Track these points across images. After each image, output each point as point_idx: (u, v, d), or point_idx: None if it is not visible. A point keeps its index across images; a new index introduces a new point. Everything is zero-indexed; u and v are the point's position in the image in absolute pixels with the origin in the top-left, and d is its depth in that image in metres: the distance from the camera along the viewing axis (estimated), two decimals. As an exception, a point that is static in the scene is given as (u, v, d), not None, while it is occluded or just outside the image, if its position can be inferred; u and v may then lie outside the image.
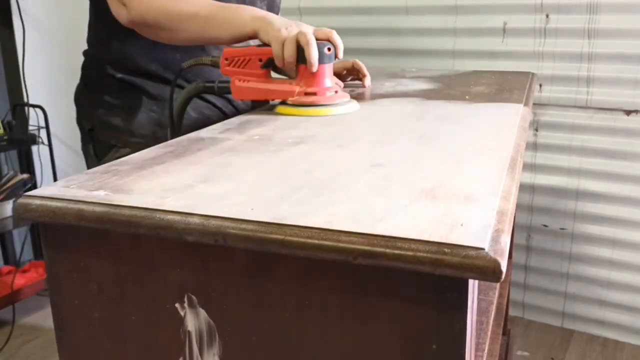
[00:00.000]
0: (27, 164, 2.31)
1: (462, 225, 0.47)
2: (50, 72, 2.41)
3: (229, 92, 0.97)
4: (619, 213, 1.81)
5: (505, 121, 0.87)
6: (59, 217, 0.55)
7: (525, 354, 1.85)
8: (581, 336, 1.93)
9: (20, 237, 2.38)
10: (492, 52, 1.87)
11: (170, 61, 1.06)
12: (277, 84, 0.97)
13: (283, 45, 0.90)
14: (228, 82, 0.96)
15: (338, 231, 0.47)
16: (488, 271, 0.43)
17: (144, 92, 1.07)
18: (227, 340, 0.55)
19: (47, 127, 2.23)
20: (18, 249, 2.32)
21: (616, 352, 1.85)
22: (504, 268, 0.43)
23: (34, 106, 2.22)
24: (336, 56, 0.94)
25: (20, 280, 2.09)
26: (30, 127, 2.24)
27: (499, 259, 0.43)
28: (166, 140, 0.80)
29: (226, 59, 0.96)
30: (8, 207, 2.09)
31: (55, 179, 2.23)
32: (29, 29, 2.24)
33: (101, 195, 0.56)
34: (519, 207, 1.91)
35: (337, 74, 1.25)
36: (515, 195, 0.59)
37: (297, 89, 0.94)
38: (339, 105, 0.94)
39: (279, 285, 0.51)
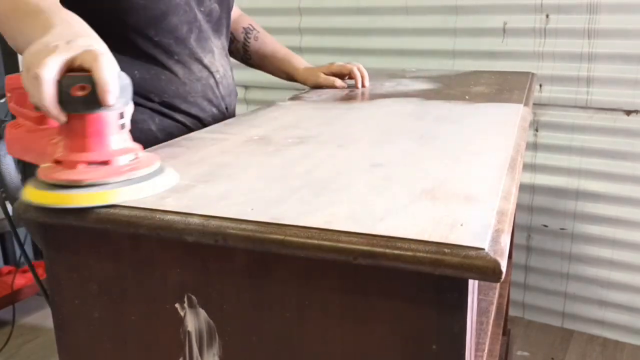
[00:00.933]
0: (27, 164, 2.31)
1: (462, 225, 0.47)
2: (50, 72, 2.41)
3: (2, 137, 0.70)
4: (619, 213, 1.81)
5: (505, 121, 0.87)
6: (59, 217, 0.55)
7: (526, 354, 1.85)
8: (581, 336, 1.93)
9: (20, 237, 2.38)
10: (492, 52, 1.87)
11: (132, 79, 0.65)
12: (38, 138, 0.62)
13: (26, 78, 0.56)
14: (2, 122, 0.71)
15: (338, 231, 0.47)
16: (488, 271, 0.43)
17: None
18: (227, 341, 0.55)
19: (47, 127, 2.23)
20: (18, 249, 2.32)
21: (616, 352, 1.85)
22: (504, 268, 0.43)
23: (34, 106, 2.22)
24: (99, 102, 0.54)
25: (20, 281, 2.09)
26: (30, 127, 2.24)
27: (499, 259, 0.43)
28: None
29: (8, 92, 0.65)
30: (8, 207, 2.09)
31: (55, 179, 2.23)
32: (29, 29, 2.23)
33: (101, 195, 0.56)
34: (519, 207, 1.91)
35: (338, 74, 1.25)
36: (515, 195, 0.59)
37: (49, 150, 0.59)
38: (115, 185, 0.55)
39: (279, 285, 0.51)
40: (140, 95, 0.92)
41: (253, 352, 0.54)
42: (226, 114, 1.04)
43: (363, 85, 1.22)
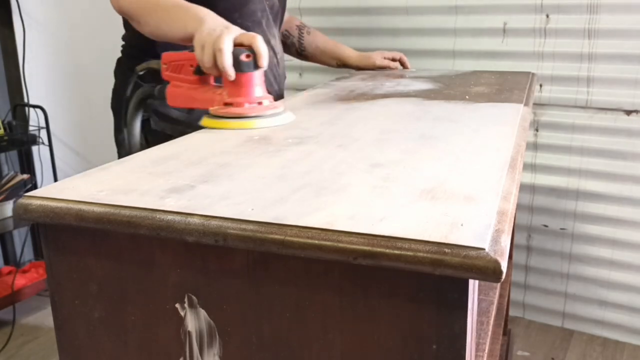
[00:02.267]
0: (27, 164, 2.31)
1: (462, 225, 0.47)
2: (51, 72, 2.41)
3: (164, 97, 0.94)
4: (619, 213, 1.80)
5: (506, 121, 0.87)
6: (59, 217, 0.55)
7: (526, 354, 1.85)
8: (581, 336, 1.93)
9: (20, 238, 2.38)
10: (492, 52, 1.87)
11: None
12: (203, 92, 0.90)
13: (202, 50, 0.85)
14: (159, 88, 0.94)
15: (338, 231, 0.47)
16: (488, 271, 0.43)
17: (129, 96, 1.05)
18: (227, 341, 0.55)
19: (47, 127, 2.23)
20: (18, 249, 2.32)
21: (616, 352, 1.85)
22: (504, 268, 0.43)
23: (34, 106, 2.22)
24: (257, 65, 0.84)
25: (20, 281, 2.09)
26: (31, 128, 2.24)
27: (499, 259, 0.43)
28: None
29: (164, 64, 0.92)
30: (8, 208, 2.09)
31: (55, 180, 2.23)
32: (29, 29, 2.24)
33: (101, 195, 0.56)
34: (519, 207, 1.91)
35: (391, 59, 1.53)
36: (515, 195, 0.59)
37: (216, 99, 0.87)
38: (265, 117, 0.85)
39: (280, 285, 0.51)
40: None
41: (253, 352, 0.54)
42: (279, 92, 1.24)
43: (407, 67, 1.55)
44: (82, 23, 2.41)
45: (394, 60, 1.56)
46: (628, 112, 1.73)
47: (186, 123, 1.09)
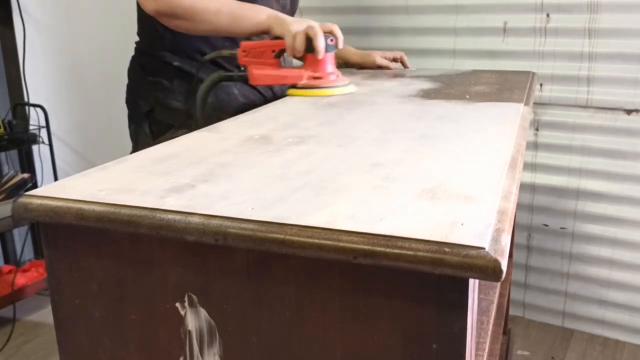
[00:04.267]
0: (27, 164, 2.31)
1: (462, 224, 0.47)
2: (51, 72, 2.41)
3: (246, 80, 1.13)
4: (619, 213, 1.81)
5: (506, 121, 0.87)
6: (60, 216, 0.55)
7: (526, 353, 1.85)
8: (581, 336, 1.93)
9: (20, 237, 2.38)
10: (493, 51, 1.87)
11: (220, 48, 1.22)
12: (288, 71, 1.14)
13: (294, 37, 1.08)
14: (244, 71, 1.13)
15: (338, 231, 0.47)
16: (488, 271, 0.42)
17: (199, 78, 1.20)
18: (227, 340, 0.55)
19: (47, 126, 2.23)
20: (19, 249, 2.32)
21: (616, 351, 1.85)
22: (504, 267, 0.43)
23: (35, 105, 2.22)
24: (337, 46, 1.12)
25: (20, 280, 2.09)
26: (31, 127, 2.24)
27: (499, 258, 0.43)
28: (219, 121, 0.93)
29: (244, 51, 1.12)
30: (8, 207, 2.09)
31: (55, 179, 2.23)
32: (29, 29, 2.24)
33: (101, 195, 0.56)
34: (519, 206, 1.91)
35: (391, 59, 1.56)
36: (515, 194, 0.59)
37: (305, 74, 1.11)
38: (340, 87, 1.13)
39: (280, 284, 0.51)
40: (235, 66, 1.20)
41: (253, 351, 0.54)
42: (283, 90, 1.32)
43: (407, 67, 1.57)
44: (82, 22, 2.41)
45: (394, 60, 1.57)
46: (628, 112, 1.73)
47: (185, 112, 1.21)
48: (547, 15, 1.76)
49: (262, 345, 0.53)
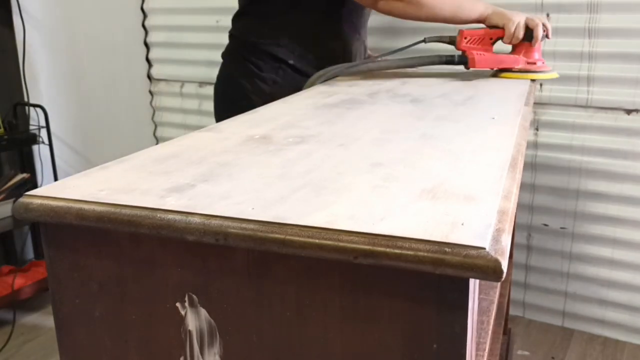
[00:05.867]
0: (27, 164, 2.31)
1: (462, 224, 0.47)
2: (51, 72, 2.41)
3: (466, 63, 1.29)
4: (619, 212, 1.80)
5: (506, 121, 0.87)
6: (60, 216, 0.55)
7: (526, 353, 1.85)
8: (582, 335, 1.93)
9: (20, 237, 2.38)
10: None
11: (329, 51, 1.39)
12: (505, 57, 1.31)
13: (517, 27, 1.26)
14: (462, 56, 1.30)
15: (339, 230, 0.47)
16: (489, 270, 0.42)
17: (305, 74, 1.34)
18: (227, 340, 0.55)
19: (47, 126, 2.23)
20: (19, 249, 2.32)
21: (617, 351, 1.85)
22: (504, 267, 0.43)
23: (35, 106, 2.22)
24: (547, 36, 1.30)
25: (21, 280, 2.09)
26: (31, 127, 2.24)
27: (499, 258, 0.43)
28: None
29: (465, 38, 1.29)
30: (8, 207, 2.09)
31: (55, 179, 2.23)
32: (29, 28, 2.24)
33: (102, 194, 0.56)
34: (519, 206, 1.91)
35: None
36: (515, 194, 0.59)
37: (521, 59, 1.30)
38: (548, 72, 1.30)
39: (280, 284, 0.51)
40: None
41: (254, 351, 0.54)
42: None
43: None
44: (83, 22, 2.41)
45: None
46: (628, 112, 1.73)
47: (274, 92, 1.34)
48: (547, 15, 1.76)
49: (262, 345, 0.53)
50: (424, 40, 1.28)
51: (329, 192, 0.56)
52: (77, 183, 0.60)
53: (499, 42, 1.34)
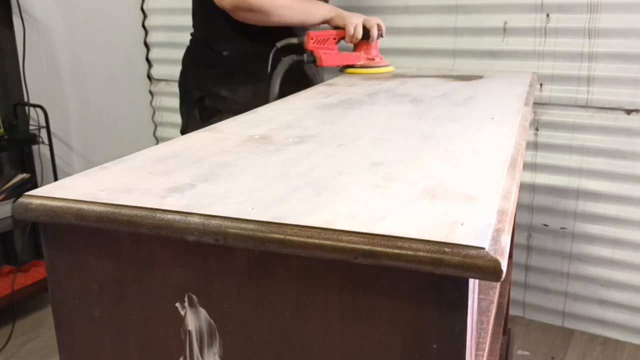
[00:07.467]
0: (27, 164, 2.30)
1: (462, 224, 0.47)
2: (51, 72, 2.41)
3: (315, 62, 1.37)
4: (619, 213, 1.80)
5: (506, 121, 0.87)
6: (59, 216, 0.55)
7: (526, 353, 1.85)
8: (582, 336, 1.93)
9: (20, 237, 2.38)
10: (493, 51, 1.86)
11: (265, 44, 1.38)
12: (348, 54, 1.43)
13: (355, 28, 1.38)
14: (310, 55, 1.36)
15: (338, 230, 0.47)
16: (488, 270, 0.42)
17: (245, 69, 1.39)
18: (227, 340, 0.55)
19: (47, 126, 2.23)
20: (19, 249, 2.32)
21: (617, 351, 1.85)
22: (504, 267, 0.43)
23: (35, 106, 2.22)
24: (382, 35, 1.44)
25: (21, 280, 2.09)
26: (31, 127, 2.24)
27: (499, 258, 0.43)
28: (259, 105, 1.04)
29: (312, 39, 1.37)
30: (8, 207, 2.09)
31: (55, 179, 2.23)
32: (29, 29, 2.23)
33: (101, 194, 0.56)
34: (519, 206, 1.91)
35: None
36: (515, 194, 0.59)
37: (361, 56, 1.44)
38: (385, 67, 1.45)
39: (280, 284, 0.51)
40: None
41: (253, 351, 0.54)
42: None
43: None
44: (83, 22, 2.41)
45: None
46: (628, 112, 1.73)
47: (231, 100, 1.39)
48: (547, 15, 1.76)
49: (262, 345, 0.53)
50: (275, 47, 1.34)
51: (329, 192, 0.56)
52: (76, 183, 0.60)
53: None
